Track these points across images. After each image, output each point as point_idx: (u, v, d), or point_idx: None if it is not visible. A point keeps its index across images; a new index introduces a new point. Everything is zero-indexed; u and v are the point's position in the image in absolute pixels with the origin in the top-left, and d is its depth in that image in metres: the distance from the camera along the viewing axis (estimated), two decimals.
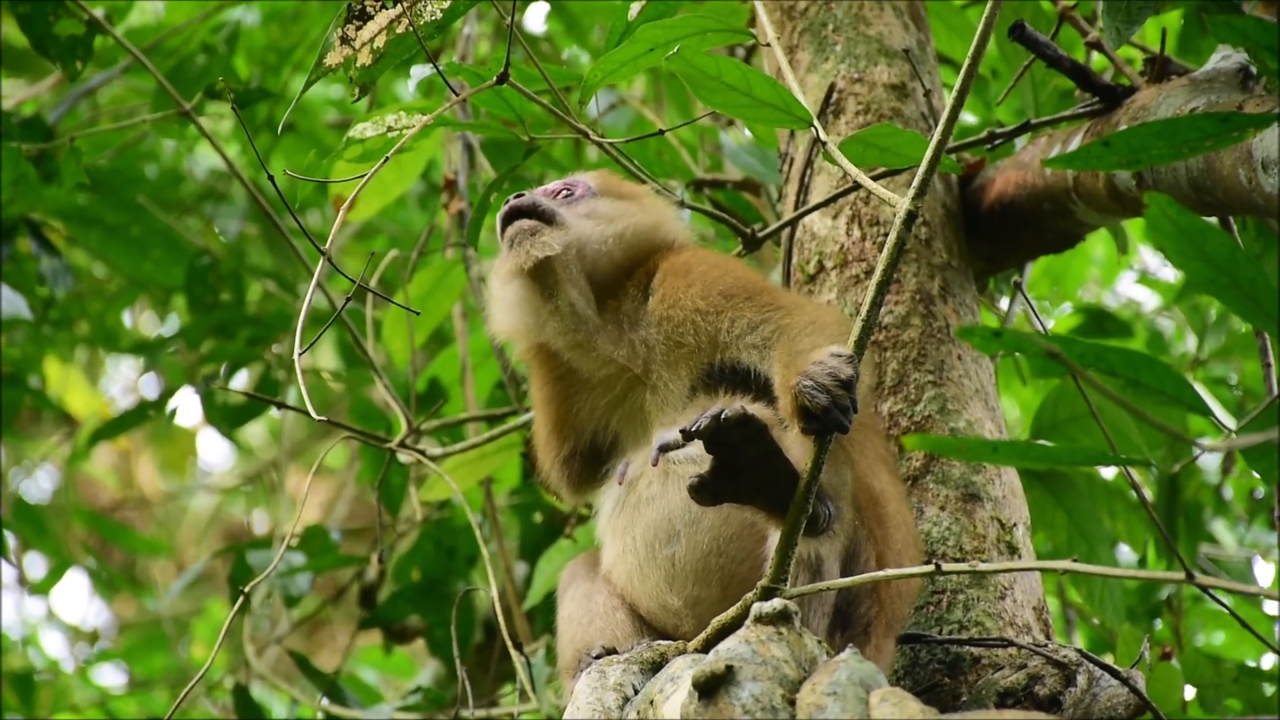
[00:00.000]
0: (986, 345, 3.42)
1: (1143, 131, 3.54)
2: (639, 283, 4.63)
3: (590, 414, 4.67)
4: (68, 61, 6.08)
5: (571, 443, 4.70)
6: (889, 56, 5.44)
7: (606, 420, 4.66)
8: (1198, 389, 6.87)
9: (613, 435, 4.67)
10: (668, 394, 4.53)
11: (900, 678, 4.64)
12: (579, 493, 4.76)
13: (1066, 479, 5.59)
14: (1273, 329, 3.57)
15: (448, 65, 4.83)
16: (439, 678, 7.70)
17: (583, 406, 4.68)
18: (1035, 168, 5.23)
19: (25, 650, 10.91)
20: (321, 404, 8.88)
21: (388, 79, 7.94)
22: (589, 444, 4.70)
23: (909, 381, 5.02)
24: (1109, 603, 5.83)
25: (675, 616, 4.36)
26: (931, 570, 3.80)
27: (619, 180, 4.88)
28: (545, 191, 4.74)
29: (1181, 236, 3.47)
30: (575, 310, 4.58)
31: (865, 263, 5.18)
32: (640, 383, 4.58)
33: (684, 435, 4.06)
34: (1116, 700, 4.43)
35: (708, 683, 3.63)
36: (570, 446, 4.70)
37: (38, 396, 8.30)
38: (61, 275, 7.18)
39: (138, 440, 11.95)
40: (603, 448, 4.69)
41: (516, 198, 4.64)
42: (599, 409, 4.66)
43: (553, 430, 4.72)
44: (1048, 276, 7.94)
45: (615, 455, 4.65)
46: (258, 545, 7.39)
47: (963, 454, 3.62)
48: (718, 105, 4.45)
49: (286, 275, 8.08)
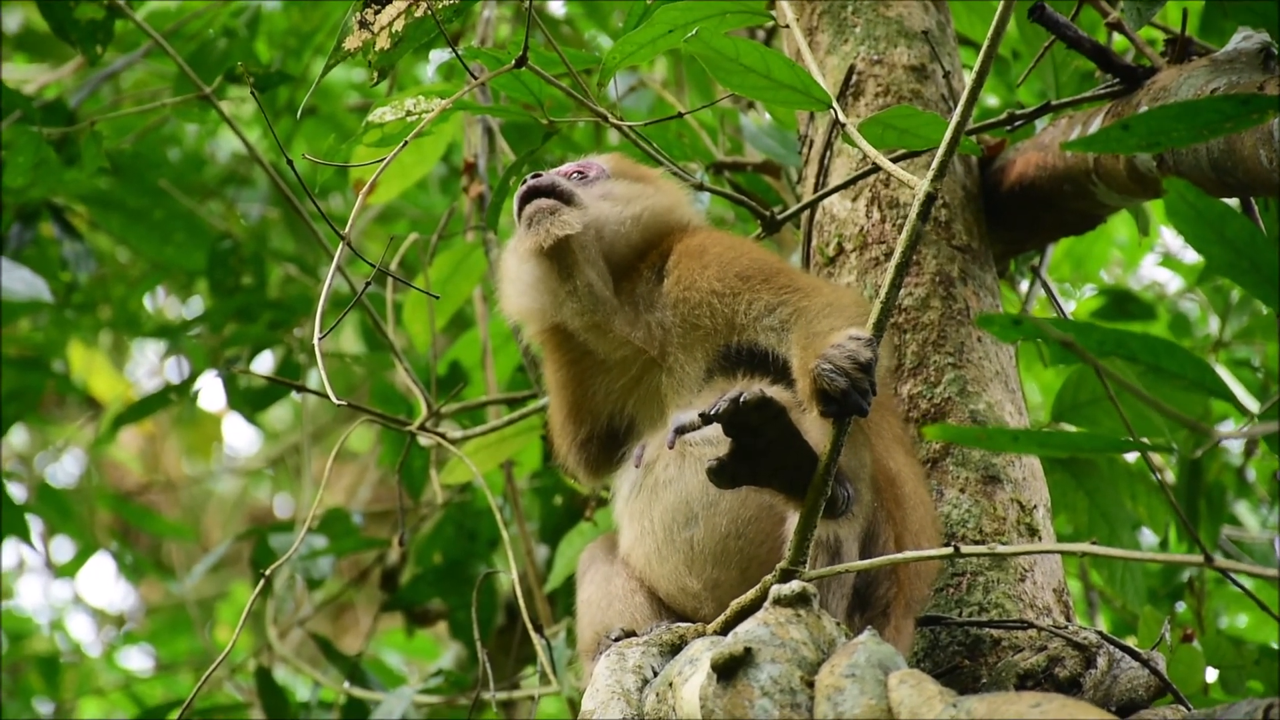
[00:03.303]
0: (1006, 333, 3.42)
1: (1162, 114, 3.53)
2: (653, 265, 4.62)
3: (606, 397, 4.67)
4: (88, 46, 6.09)
5: (588, 426, 4.70)
6: (909, 38, 5.42)
7: (622, 403, 4.66)
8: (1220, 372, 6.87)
9: (629, 418, 4.66)
10: (683, 376, 4.52)
11: (920, 660, 4.64)
12: (597, 476, 4.76)
13: (1088, 462, 5.58)
14: None
15: (467, 49, 4.83)
16: (461, 660, 7.72)
17: (598, 389, 4.67)
18: (1055, 149, 5.21)
19: (52, 634, 10.97)
20: (344, 387, 8.91)
21: (408, 63, 7.94)
22: (605, 427, 4.69)
23: (929, 364, 5.01)
24: (1130, 585, 5.83)
25: (694, 599, 4.36)
26: (950, 553, 3.79)
27: (632, 163, 4.88)
28: (559, 173, 4.72)
29: (1201, 220, 3.46)
30: (593, 291, 4.57)
31: (885, 245, 5.17)
32: (656, 365, 4.57)
33: (702, 418, 4.06)
34: (1137, 682, 4.43)
35: (726, 665, 3.63)
36: (587, 430, 4.70)
37: (61, 381, 8.32)
38: (84, 259, 7.20)
39: (163, 425, 11.99)
40: (619, 430, 4.68)
41: (534, 177, 4.63)
42: (615, 392, 4.65)
43: (569, 414, 4.72)
44: (1070, 258, 7.91)
45: (632, 438, 4.65)
46: (280, 529, 7.42)
47: (984, 443, 3.62)
48: (736, 87, 4.45)
49: (308, 259, 8.10)
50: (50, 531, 10.76)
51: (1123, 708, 4.38)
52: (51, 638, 10.92)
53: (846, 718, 3.49)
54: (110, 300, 8.62)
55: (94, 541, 9.86)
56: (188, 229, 7.55)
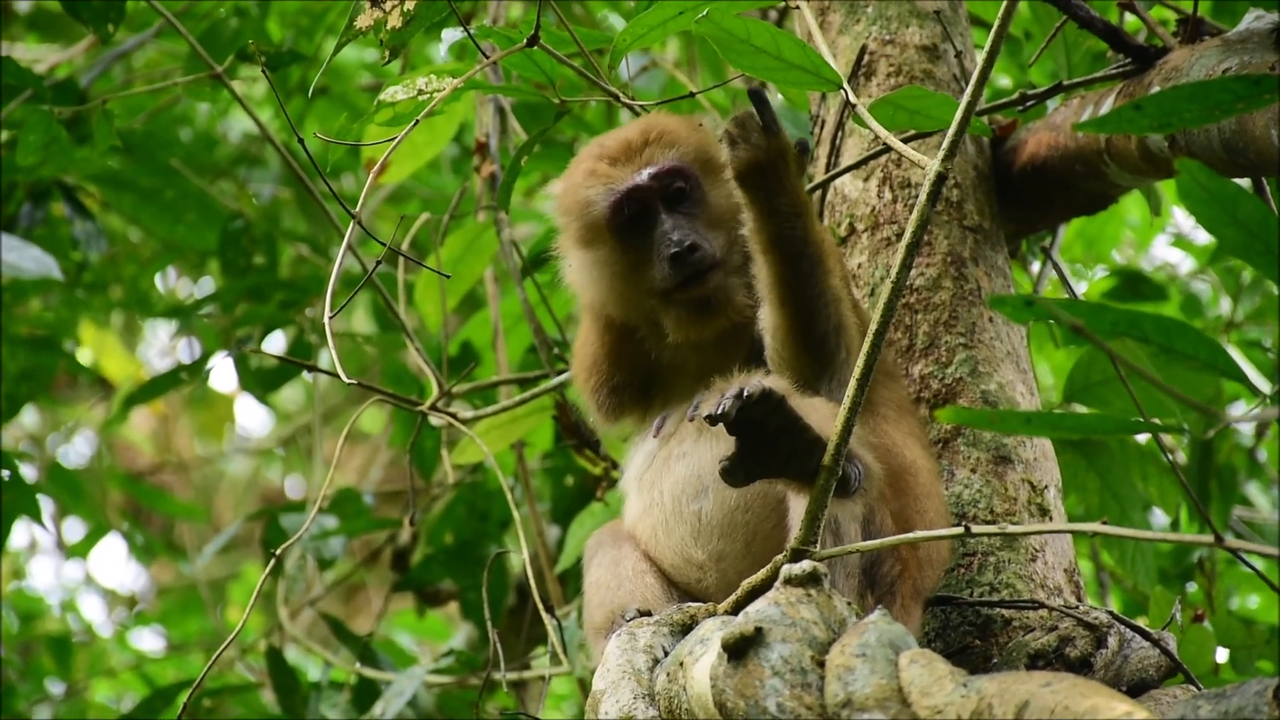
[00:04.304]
0: (1018, 315, 3.41)
1: (1174, 94, 3.51)
2: None
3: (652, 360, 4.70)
4: (100, 25, 6.08)
5: (625, 372, 4.72)
6: (920, 18, 5.41)
7: (663, 362, 4.69)
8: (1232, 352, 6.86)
9: (662, 379, 4.71)
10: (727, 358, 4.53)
11: (931, 640, 4.64)
12: (613, 421, 4.78)
13: (1099, 442, 5.57)
14: None
15: (479, 28, 4.83)
16: (472, 641, 7.74)
17: (649, 352, 4.70)
18: (1067, 129, 5.20)
19: (63, 615, 10.99)
20: (357, 368, 8.91)
21: (420, 43, 7.93)
22: (641, 379, 4.73)
23: (940, 344, 5.01)
24: (1141, 565, 5.82)
25: (699, 570, 4.39)
26: (960, 532, 3.79)
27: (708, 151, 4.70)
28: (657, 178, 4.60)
29: (1212, 202, 3.45)
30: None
31: (896, 225, 5.17)
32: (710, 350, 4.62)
33: (709, 420, 4.02)
34: (1147, 662, 4.43)
35: (737, 644, 3.63)
36: (624, 375, 4.72)
37: (72, 361, 8.33)
38: (95, 239, 7.19)
39: (175, 405, 12.01)
40: (650, 386, 4.72)
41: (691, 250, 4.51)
42: (664, 362, 4.70)
43: (609, 355, 4.75)
44: (1082, 239, 7.90)
45: (659, 400, 4.70)
46: (291, 509, 7.43)
47: (995, 425, 3.62)
48: (747, 68, 4.43)
49: (319, 239, 8.10)
50: (62, 512, 10.79)
51: (1133, 687, 4.39)
52: (63, 618, 10.94)
53: (857, 697, 3.49)
54: (121, 280, 8.63)
55: (105, 522, 9.87)
56: (199, 209, 7.54)
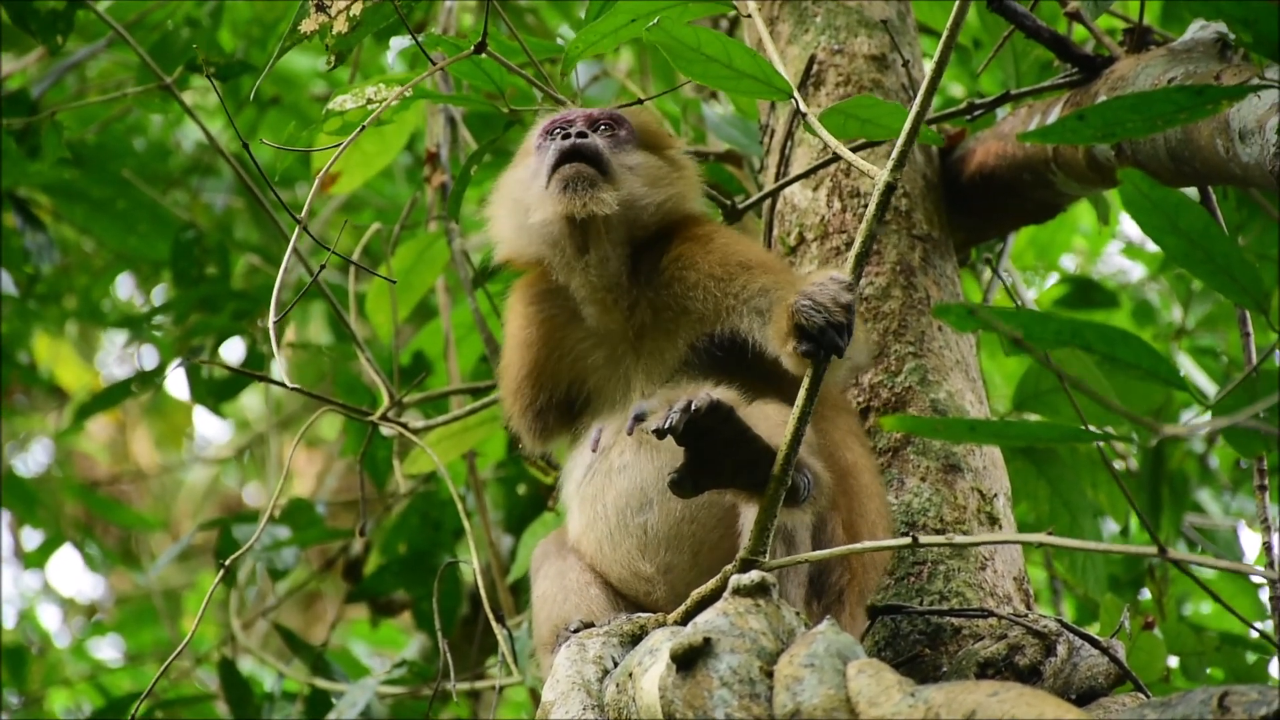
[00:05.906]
0: (962, 324, 3.42)
1: (1117, 105, 3.54)
2: (657, 244, 4.60)
3: (573, 365, 4.65)
4: (49, 36, 6.06)
5: (547, 392, 4.67)
6: (869, 28, 5.44)
7: (587, 376, 4.64)
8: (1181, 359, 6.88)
9: (588, 393, 4.65)
10: (654, 364, 4.51)
11: (881, 649, 4.65)
12: (544, 444, 4.75)
13: (1049, 450, 5.60)
14: (1247, 302, 3.58)
15: (428, 36, 4.83)
16: (426, 651, 7.71)
17: (568, 355, 4.65)
18: (1015, 139, 5.23)
19: (21, 625, 10.92)
20: (314, 377, 8.88)
21: (373, 53, 7.91)
22: (564, 395, 4.67)
23: (889, 353, 5.02)
24: (1091, 573, 5.85)
25: (647, 583, 4.38)
26: (908, 543, 3.80)
27: (656, 128, 4.79)
28: (589, 118, 4.62)
29: (1156, 211, 3.48)
30: (607, 266, 4.56)
31: (846, 234, 5.18)
32: (631, 347, 4.57)
33: (657, 434, 4.01)
34: (1096, 670, 4.45)
35: (686, 655, 3.64)
36: (546, 396, 4.67)
37: (25, 372, 8.28)
38: (46, 250, 7.15)
39: (133, 414, 11.94)
40: (575, 402, 4.67)
41: (581, 137, 4.53)
42: (584, 363, 4.64)
43: (529, 375, 4.68)
44: (1033, 247, 7.93)
45: (588, 414, 4.64)
46: (246, 519, 7.39)
47: (941, 434, 3.63)
48: (698, 76, 4.44)
49: (272, 249, 8.07)
50: (19, 522, 10.72)
51: (1082, 695, 4.40)
52: (20, 629, 10.87)
53: (805, 707, 3.49)
54: (75, 290, 8.58)
55: (61, 532, 9.82)
56: (151, 219, 7.51)
